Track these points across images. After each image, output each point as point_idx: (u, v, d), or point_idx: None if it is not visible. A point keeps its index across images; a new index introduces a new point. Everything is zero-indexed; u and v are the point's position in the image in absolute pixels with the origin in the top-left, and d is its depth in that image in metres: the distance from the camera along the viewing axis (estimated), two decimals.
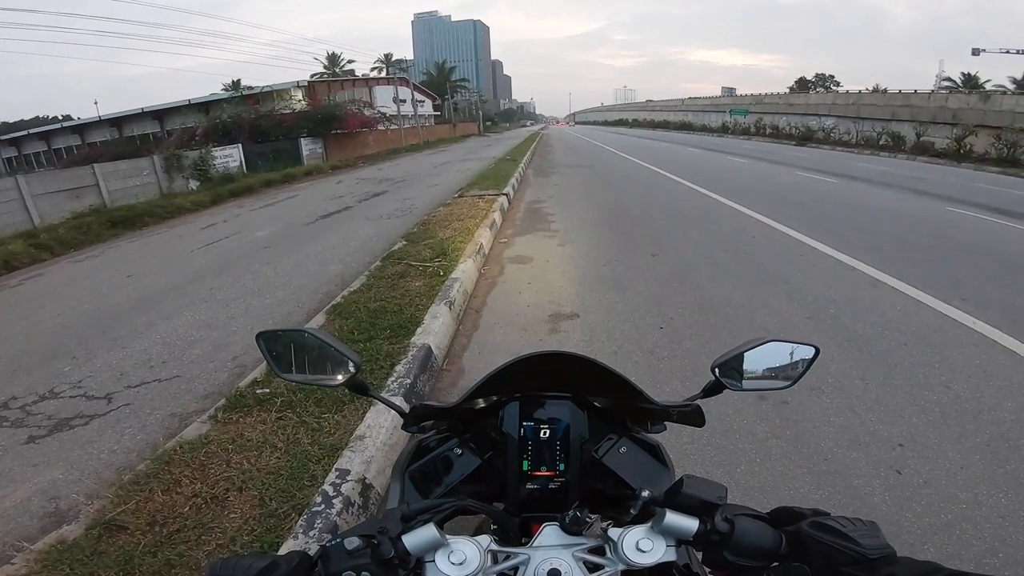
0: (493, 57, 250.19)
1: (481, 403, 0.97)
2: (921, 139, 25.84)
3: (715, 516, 0.64)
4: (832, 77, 68.01)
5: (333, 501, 2.08)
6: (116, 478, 2.62)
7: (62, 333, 5.11)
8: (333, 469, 2.28)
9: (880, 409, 2.94)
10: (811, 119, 37.15)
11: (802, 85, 65.35)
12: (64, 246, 9.64)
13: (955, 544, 2.02)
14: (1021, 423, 2.77)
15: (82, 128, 36.35)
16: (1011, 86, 38.91)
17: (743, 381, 0.92)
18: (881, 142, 28.69)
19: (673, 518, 0.65)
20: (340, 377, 0.90)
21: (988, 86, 40.02)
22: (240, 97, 29.09)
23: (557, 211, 9.38)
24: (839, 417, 2.87)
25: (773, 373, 0.93)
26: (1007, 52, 33.81)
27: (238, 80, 34.92)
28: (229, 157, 19.69)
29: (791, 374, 0.93)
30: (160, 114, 32.12)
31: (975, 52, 33.51)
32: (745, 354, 0.91)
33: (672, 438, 0.96)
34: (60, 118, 57.01)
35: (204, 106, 29.43)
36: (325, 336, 0.90)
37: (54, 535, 2.15)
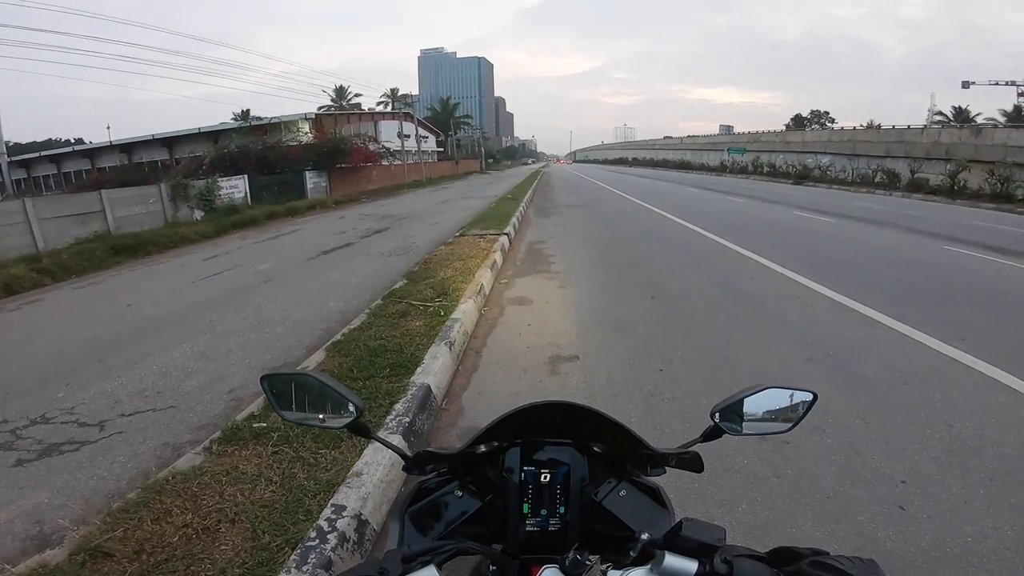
0: (496, 94, 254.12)
1: (484, 448, 0.98)
2: (915, 176, 26.26)
3: (714, 558, 0.66)
4: (827, 113, 67.75)
5: (328, 536, 2.05)
6: (104, 505, 2.59)
7: (58, 359, 5.09)
8: (329, 504, 2.26)
9: (882, 447, 2.94)
10: (807, 157, 37.77)
11: (798, 122, 65.43)
12: (66, 272, 9.67)
13: None
14: None
15: (92, 152, 36.82)
16: (1002, 119, 38.85)
17: (742, 425, 0.94)
18: (876, 179, 29.20)
19: (672, 560, 0.66)
20: (342, 420, 0.93)
21: (979, 119, 40.29)
22: (248, 127, 29.47)
23: (557, 252, 9.46)
24: (841, 456, 2.87)
25: (772, 417, 0.95)
26: (996, 84, 34.50)
27: (247, 110, 35.54)
28: (235, 188, 19.92)
29: (789, 419, 0.95)
30: (170, 141, 32.54)
31: (965, 85, 34.15)
32: (744, 400, 0.93)
33: (673, 479, 0.98)
34: (72, 141, 57.59)
35: (213, 135, 29.76)
36: (328, 380, 0.93)
37: (36, 558, 2.12)
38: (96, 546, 2.11)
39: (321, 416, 0.94)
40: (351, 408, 0.92)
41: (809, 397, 0.95)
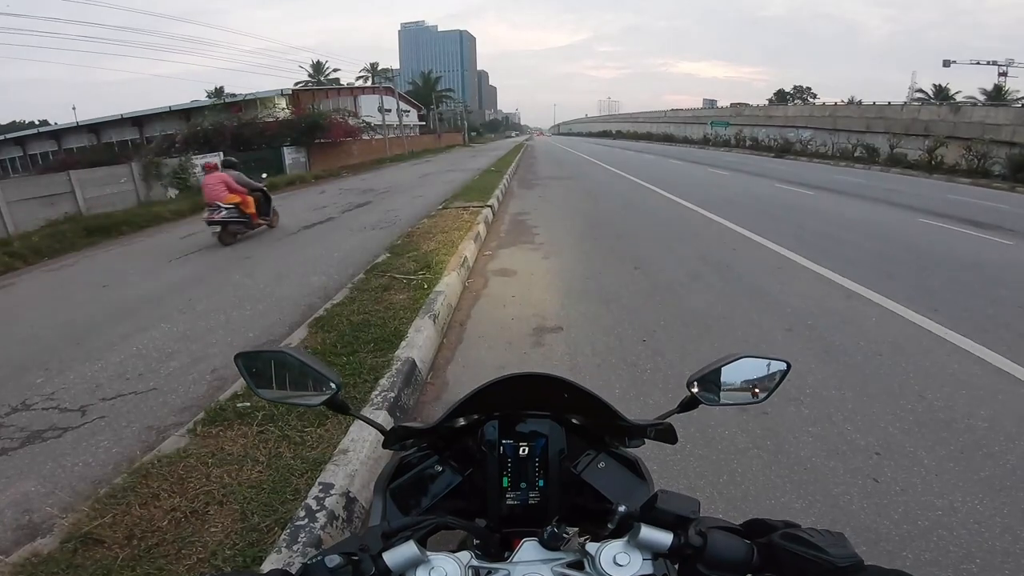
0: (479, 68, 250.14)
1: (462, 421, 0.98)
2: (894, 151, 26.58)
3: (689, 529, 0.66)
4: (809, 89, 69.09)
5: (317, 515, 2.06)
6: (92, 491, 2.57)
7: (35, 344, 4.98)
8: (316, 483, 2.26)
9: (857, 419, 3.01)
10: (789, 131, 38.00)
11: (780, 97, 66.22)
12: (38, 255, 9.41)
13: (932, 551, 2.07)
14: (994, 431, 2.87)
15: (59, 134, 35.70)
16: (981, 98, 39.09)
17: (719, 395, 0.94)
18: (856, 154, 29.48)
19: (648, 532, 0.67)
20: (321, 396, 0.90)
21: (959, 97, 40.39)
22: (222, 104, 28.58)
23: (541, 223, 9.45)
24: (817, 427, 2.93)
25: (747, 387, 0.95)
26: (978, 63, 34.64)
27: (221, 87, 34.29)
28: None
29: (765, 388, 0.96)
30: (140, 120, 31.65)
31: (946, 64, 34.28)
32: (720, 369, 0.93)
33: (655, 450, 0.98)
34: (37, 123, 55.67)
35: (185, 113, 28.91)
36: (305, 356, 0.90)
37: (28, 548, 2.11)
38: (86, 533, 2.11)
39: (299, 394, 0.91)
40: (330, 385, 0.90)
41: (783, 366, 0.95)
